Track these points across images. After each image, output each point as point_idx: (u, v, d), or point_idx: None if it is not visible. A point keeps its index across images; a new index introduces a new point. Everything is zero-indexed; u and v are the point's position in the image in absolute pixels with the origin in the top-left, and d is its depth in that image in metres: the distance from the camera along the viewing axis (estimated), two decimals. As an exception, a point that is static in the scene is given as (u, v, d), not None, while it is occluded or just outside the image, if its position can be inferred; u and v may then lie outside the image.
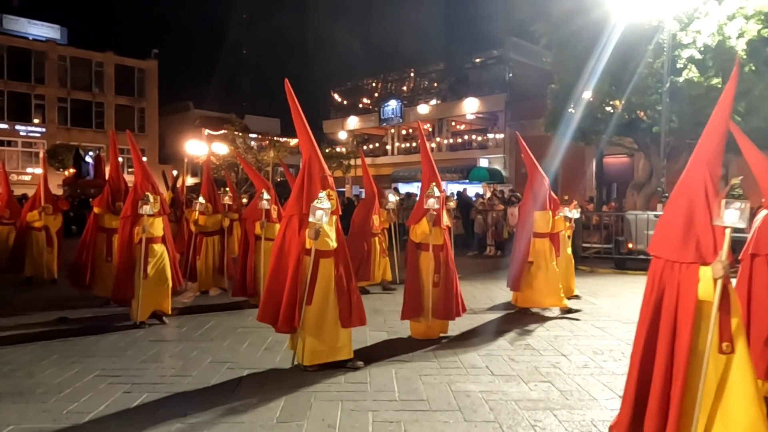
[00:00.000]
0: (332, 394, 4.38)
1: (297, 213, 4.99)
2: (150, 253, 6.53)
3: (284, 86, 5.32)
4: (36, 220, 9.56)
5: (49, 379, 4.66)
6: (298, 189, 5.03)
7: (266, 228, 7.63)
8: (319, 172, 5.02)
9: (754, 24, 12.12)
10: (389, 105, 34.20)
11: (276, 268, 5.00)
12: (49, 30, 40.92)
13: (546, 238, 7.45)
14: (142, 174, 6.84)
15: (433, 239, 5.98)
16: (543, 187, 7.54)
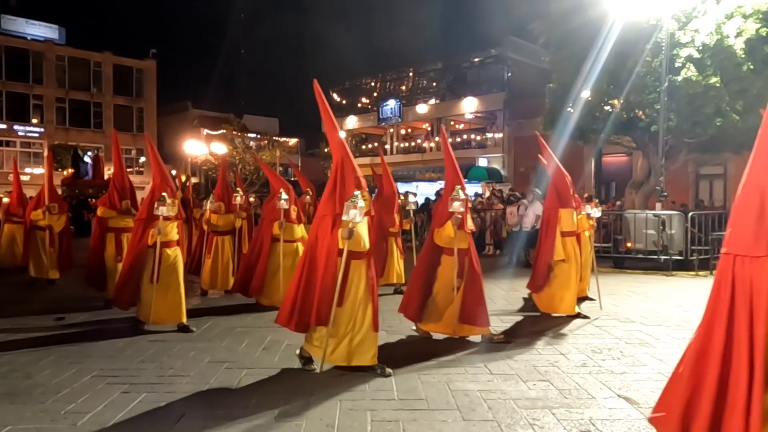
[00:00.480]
0: (330, 393, 4.38)
1: (330, 213, 4.89)
2: (163, 258, 6.31)
3: (313, 87, 5.19)
4: (40, 219, 9.48)
5: (46, 380, 4.65)
6: (331, 189, 4.94)
7: (285, 229, 7.52)
8: (352, 172, 4.94)
9: (753, 23, 12.13)
10: (388, 104, 34.18)
11: (305, 268, 4.88)
12: (47, 30, 40.88)
13: (573, 237, 7.28)
14: (160, 176, 6.66)
15: (458, 243, 5.81)
16: (565, 184, 7.39)
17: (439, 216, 6.02)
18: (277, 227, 7.52)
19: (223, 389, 4.47)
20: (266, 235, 7.75)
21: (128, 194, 7.77)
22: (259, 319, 7.03)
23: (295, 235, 7.81)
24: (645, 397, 4.31)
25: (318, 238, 4.94)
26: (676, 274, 11.26)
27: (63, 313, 7.16)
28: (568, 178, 7.46)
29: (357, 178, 4.91)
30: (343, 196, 4.76)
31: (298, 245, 7.80)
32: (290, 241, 7.73)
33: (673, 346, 5.83)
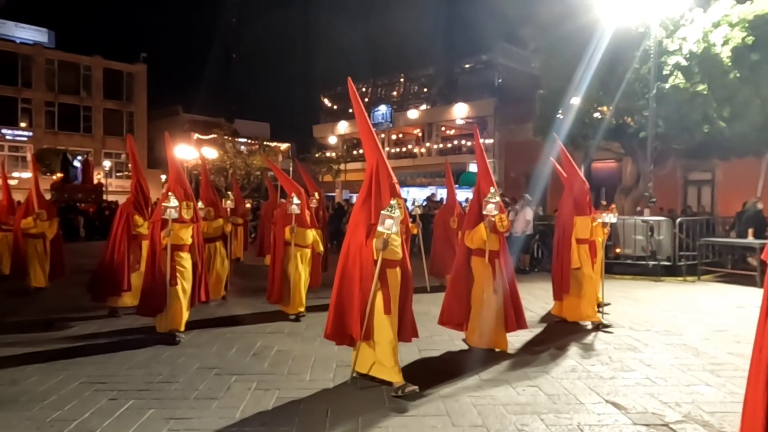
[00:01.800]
0: (320, 399, 4.37)
1: (364, 222, 4.70)
2: (176, 261, 6.14)
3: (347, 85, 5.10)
4: (31, 227, 9.15)
5: (33, 387, 4.61)
6: (365, 196, 4.76)
7: (296, 234, 7.36)
8: (388, 179, 4.70)
9: (739, 31, 12.29)
10: (379, 110, 34.26)
11: (341, 281, 4.72)
12: (36, 33, 40.56)
13: (586, 245, 7.18)
14: (175, 177, 6.47)
15: (490, 245, 5.68)
16: (583, 191, 7.26)
17: (471, 218, 5.86)
18: (288, 232, 7.34)
19: (212, 396, 4.44)
20: (279, 241, 7.56)
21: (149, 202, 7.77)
22: (249, 325, 7.00)
23: (307, 240, 7.61)
24: (633, 402, 4.34)
25: (351, 248, 4.74)
26: (664, 279, 11.35)
27: (50, 319, 7.08)
28: (586, 185, 7.33)
29: (393, 185, 4.68)
30: (379, 205, 4.58)
31: (308, 251, 7.66)
32: (302, 246, 7.55)
33: (661, 351, 5.87)
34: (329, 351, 5.75)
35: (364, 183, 4.83)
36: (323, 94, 40.31)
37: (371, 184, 4.73)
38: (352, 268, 4.68)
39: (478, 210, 5.78)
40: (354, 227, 4.79)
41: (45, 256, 9.32)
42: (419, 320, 6.63)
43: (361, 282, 4.58)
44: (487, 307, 5.64)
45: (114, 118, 42.14)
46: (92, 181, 27.68)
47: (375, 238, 4.51)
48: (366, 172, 4.87)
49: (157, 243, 6.14)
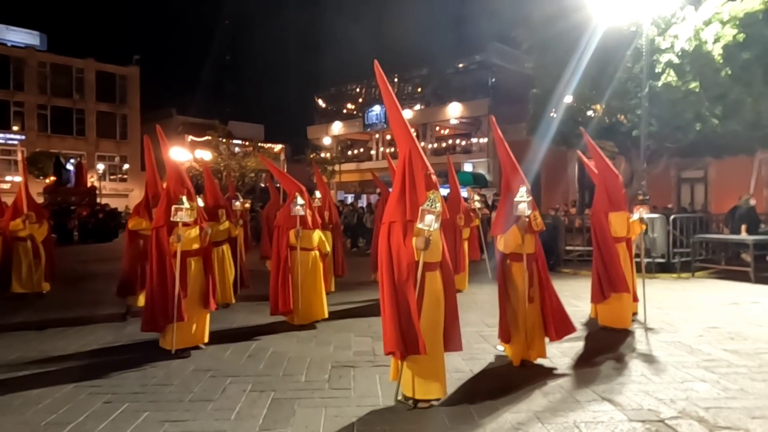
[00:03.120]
0: (316, 400, 4.36)
1: (400, 219, 4.22)
2: (189, 269, 5.73)
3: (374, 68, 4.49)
4: (20, 230, 8.86)
5: (26, 390, 4.58)
6: (399, 191, 4.29)
7: (302, 237, 6.92)
8: (422, 169, 4.26)
9: (730, 29, 12.35)
10: (373, 110, 34.27)
11: (393, 286, 4.16)
12: (28, 36, 40.40)
13: (623, 243, 6.77)
14: (176, 178, 6.01)
15: (526, 248, 5.27)
16: (617, 186, 6.90)
17: (501, 221, 5.46)
18: (293, 236, 6.87)
19: (207, 398, 4.43)
20: (283, 245, 6.99)
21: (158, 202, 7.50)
22: (244, 327, 6.98)
23: (313, 242, 7.14)
24: (628, 399, 4.35)
25: (392, 250, 4.23)
26: (658, 276, 11.38)
27: (43, 322, 7.05)
28: (619, 179, 7.00)
29: (428, 176, 4.25)
30: (414, 199, 4.17)
31: (315, 253, 7.18)
32: (307, 249, 7.07)
33: (655, 348, 5.89)
34: (325, 352, 5.76)
35: (396, 176, 4.39)
36: (317, 95, 40.28)
37: (404, 176, 4.29)
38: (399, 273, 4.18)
39: (509, 211, 5.37)
40: (388, 226, 4.31)
41: (38, 260, 8.98)
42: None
43: (399, 286, 4.13)
44: (525, 316, 5.23)
45: (107, 121, 42.03)
46: (86, 184, 27.50)
47: (415, 237, 4.10)
48: (398, 164, 4.43)
49: (165, 250, 5.62)
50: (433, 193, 4.10)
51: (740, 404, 4.26)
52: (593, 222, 7.03)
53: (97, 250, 17.42)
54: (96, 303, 8.27)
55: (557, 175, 23.41)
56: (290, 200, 7.03)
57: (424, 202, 4.07)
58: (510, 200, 5.37)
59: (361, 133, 36.28)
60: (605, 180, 6.92)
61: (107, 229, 22.74)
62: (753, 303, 8.53)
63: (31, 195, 9.25)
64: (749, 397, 4.43)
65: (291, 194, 7.09)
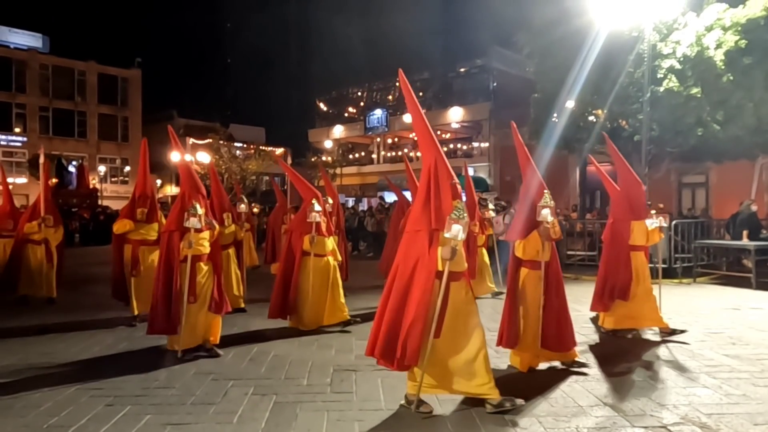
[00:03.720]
0: (318, 404, 4.36)
1: (425, 228, 4.16)
2: (198, 273, 5.66)
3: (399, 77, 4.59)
4: (35, 232, 8.61)
5: (28, 393, 4.57)
6: (424, 199, 4.23)
7: (316, 243, 6.80)
8: (448, 178, 4.21)
9: (732, 35, 12.40)
10: (375, 114, 34.34)
11: (393, 294, 4.18)
12: (30, 38, 40.53)
13: (642, 251, 6.69)
14: (190, 182, 5.90)
15: (544, 255, 5.19)
16: (640, 193, 6.77)
17: (520, 226, 5.34)
18: (308, 242, 6.77)
19: (209, 401, 4.42)
20: (297, 250, 6.90)
21: (147, 202, 7.24)
22: (246, 330, 6.98)
23: (327, 248, 7.05)
24: (630, 405, 4.35)
25: (409, 258, 4.20)
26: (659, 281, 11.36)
27: (45, 323, 7.05)
28: (642, 187, 6.88)
29: (454, 185, 4.20)
30: (440, 208, 4.12)
31: (329, 259, 7.07)
32: (321, 256, 6.96)
33: (657, 353, 5.89)
34: (326, 356, 5.76)
35: (421, 184, 4.33)
36: (319, 98, 40.36)
37: (429, 185, 4.24)
38: (408, 282, 4.14)
39: (530, 216, 5.23)
40: (412, 234, 4.25)
41: (50, 265, 8.72)
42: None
43: (420, 296, 4.05)
44: (535, 324, 5.17)
45: (109, 123, 42.10)
46: (87, 186, 27.61)
47: (440, 246, 4.03)
48: (423, 172, 4.34)
49: (175, 255, 5.59)
50: (459, 202, 4.05)
51: (743, 410, 4.26)
52: (612, 229, 6.78)
53: (99, 253, 17.42)
54: (97, 306, 8.26)
55: (558, 180, 23.37)
56: (306, 205, 6.94)
57: (450, 211, 4.00)
58: (529, 205, 5.25)
59: (362, 137, 36.33)
60: (627, 187, 6.75)
61: (108, 232, 22.76)
62: (754, 308, 8.53)
63: (50, 198, 9.00)
64: (752, 402, 4.43)
65: (307, 200, 6.97)
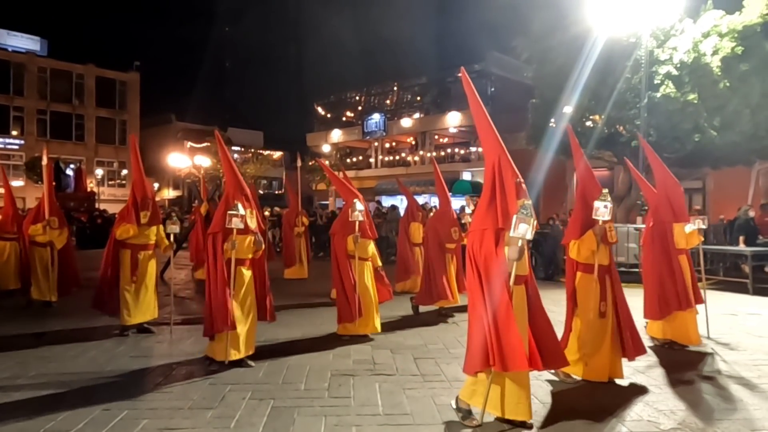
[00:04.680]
0: (315, 409, 4.35)
1: (491, 227, 4.04)
2: (239, 278, 5.49)
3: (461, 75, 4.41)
4: (39, 235, 8.37)
5: (25, 397, 4.56)
6: (489, 198, 4.13)
7: (359, 245, 6.58)
8: (513, 177, 4.08)
9: (728, 41, 12.47)
10: (372, 118, 34.37)
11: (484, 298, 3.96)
12: (28, 41, 40.51)
13: (684, 255, 6.44)
14: (234, 182, 5.72)
15: (600, 258, 4.96)
16: (680, 195, 6.55)
17: (576, 226, 5.11)
18: (351, 242, 6.57)
19: (206, 405, 4.41)
20: (342, 253, 6.70)
21: (149, 205, 6.87)
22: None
23: (368, 252, 6.86)
24: (628, 410, 4.36)
25: (476, 257, 4.05)
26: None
27: (42, 328, 7.02)
28: (681, 188, 6.69)
29: (519, 183, 4.09)
30: (505, 208, 3.99)
31: (369, 265, 6.88)
32: (363, 259, 6.76)
33: (654, 359, 5.89)
34: (324, 360, 5.75)
35: (485, 183, 4.22)
36: (317, 102, 40.42)
37: (494, 183, 4.13)
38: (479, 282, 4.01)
39: (585, 216, 5.04)
40: (479, 234, 4.10)
41: (53, 268, 8.50)
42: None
43: (491, 299, 3.90)
44: (596, 332, 4.91)
45: (107, 126, 42.10)
46: (85, 190, 27.54)
47: (507, 246, 3.88)
48: (487, 171, 4.25)
49: (219, 257, 5.43)
50: (525, 201, 3.94)
51: (740, 416, 4.27)
52: (654, 233, 6.52)
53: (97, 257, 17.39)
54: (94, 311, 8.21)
55: (556, 185, 23.48)
56: (347, 206, 6.75)
57: (516, 210, 3.89)
58: (586, 207, 5.08)
59: (360, 141, 36.37)
60: (667, 189, 6.53)
61: (106, 235, 22.70)
62: (752, 314, 8.55)
63: (54, 200, 8.75)
64: (749, 408, 4.44)
65: (349, 201, 6.77)
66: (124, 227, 6.71)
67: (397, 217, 19.75)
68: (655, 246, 6.46)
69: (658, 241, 6.44)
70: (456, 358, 5.86)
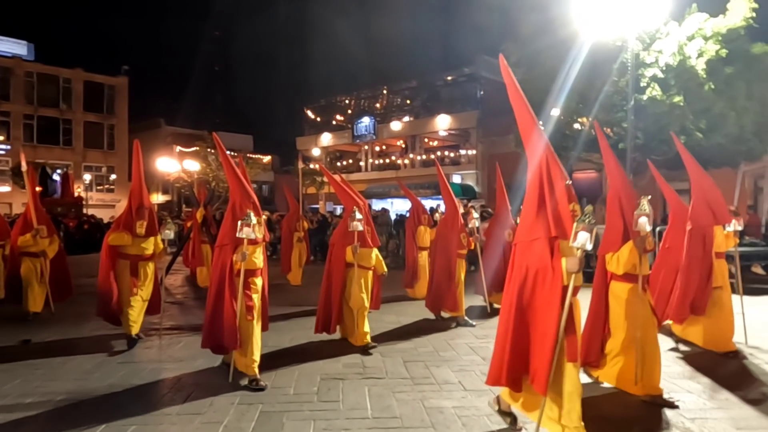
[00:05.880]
0: (305, 413, 4.34)
1: (544, 236, 3.66)
2: (251, 289, 5.23)
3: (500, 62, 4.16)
4: (30, 245, 7.98)
5: (10, 404, 4.51)
6: (537, 203, 3.76)
7: (359, 255, 6.35)
8: (562, 178, 3.72)
9: (713, 44, 12.62)
10: (362, 122, 34.42)
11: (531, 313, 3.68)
12: (15, 46, 40.18)
13: (722, 259, 6.25)
14: (240, 190, 5.42)
15: (643, 269, 4.65)
16: (719, 196, 6.25)
17: (614, 236, 4.73)
18: (350, 253, 6.32)
19: (195, 411, 4.39)
20: (340, 263, 6.47)
21: (146, 214, 6.56)
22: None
23: (370, 261, 6.62)
24: (618, 411, 4.38)
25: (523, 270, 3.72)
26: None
27: (29, 334, 6.95)
28: (718, 189, 6.35)
29: (569, 186, 3.76)
30: (557, 213, 3.66)
31: (370, 273, 6.63)
32: (365, 268, 6.55)
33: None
34: (313, 365, 5.73)
35: (531, 186, 3.83)
36: (307, 106, 40.38)
37: (542, 186, 3.75)
38: (529, 297, 3.67)
39: (623, 226, 4.69)
40: (528, 244, 3.75)
41: (44, 277, 8.15)
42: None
43: (542, 315, 3.60)
44: (639, 345, 4.61)
45: (95, 131, 41.78)
46: (72, 195, 27.35)
47: (564, 258, 3.55)
48: (532, 172, 3.84)
49: (228, 269, 5.16)
50: (575, 204, 3.66)
51: (726, 414, 4.30)
52: (692, 237, 6.19)
53: (85, 262, 17.21)
54: (83, 318, 8.13)
55: (545, 187, 23.61)
56: (347, 214, 6.50)
57: (568, 215, 3.61)
58: (622, 216, 4.71)
59: (350, 145, 36.38)
60: (705, 192, 6.22)
61: (93, 240, 22.54)
62: (737, 314, 8.60)
63: (41, 208, 8.39)
64: (734, 407, 4.48)
65: (349, 208, 6.51)
66: (118, 234, 6.44)
67: (388, 221, 19.80)
68: (697, 250, 6.13)
69: (694, 244, 6.14)
70: (446, 361, 5.87)
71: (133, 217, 6.49)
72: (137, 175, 6.80)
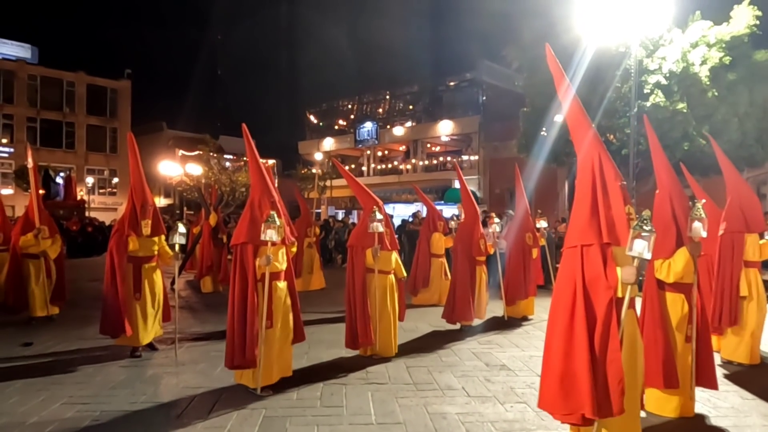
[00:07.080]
0: (308, 418, 4.32)
1: (596, 242, 3.34)
2: (274, 293, 4.91)
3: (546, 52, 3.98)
4: (32, 245, 7.78)
5: (12, 408, 4.50)
6: (590, 206, 3.43)
7: (379, 258, 6.01)
8: (616, 178, 3.45)
9: (716, 51, 12.64)
10: (365, 126, 34.46)
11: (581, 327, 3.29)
12: (18, 49, 40.39)
13: (756, 268, 5.98)
14: (261, 186, 5.11)
15: (690, 276, 4.32)
16: (755, 203, 6.04)
17: (666, 242, 4.35)
18: (370, 256, 6.00)
19: (197, 416, 4.37)
20: (359, 267, 6.10)
21: (150, 213, 6.20)
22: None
23: (390, 264, 6.26)
24: (620, 418, 4.35)
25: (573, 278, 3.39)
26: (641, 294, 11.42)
27: (31, 337, 6.94)
28: (756, 197, 6.19)
29: (624, 187, 3.47)
30: (611, 217, 3.37)
31: (392, 278, 6.29)
32: (385, 272, 6.19)
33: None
34: (316, 370, 5.72)
35: (582, 187, 3.52)
36: (309, 110, 40.47)
37: (595, 188, 3.44)
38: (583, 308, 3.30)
39: (675, 230, 4.36)
40: (578, 250, 3.40)
41: (50, 280, 7.94)
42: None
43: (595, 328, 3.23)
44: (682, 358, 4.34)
45: (97, 134, 41.89)
46: (75, 198, 27.34)
47: (620, 267, 3.26)
48: (583, 174, 3.54)
49: (250, 273, 4.81)
50: (630, 207, 3.38)
51: (731, 422, 4.28)
52: (723, 243, 5.98)
53: (87, 265, 17.23)
54: (85, 323, 8.12)
55: (547, 193, 23.59)
56: (366, 215, 6.17)
57: (624, 219, 3.34)
58: (673, 220, 4.39)
59: (352, 149, 36.42)
60: (741, 198, 6.01)
61: (96, 244, 22.57)
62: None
63: (43, 208, 8.13)
64: (739, 414, 4.46)
65: (367, 208, 6.18)
66: (131, 240, 6.06)
67: (390, 226, 19.77)
68: (726, 255, 5.96)
69: (725, 252, 5.96)
70: (449, 366, 5.86)
71: (138, 215, 6.15)
72: (136, 170, 6.43)
